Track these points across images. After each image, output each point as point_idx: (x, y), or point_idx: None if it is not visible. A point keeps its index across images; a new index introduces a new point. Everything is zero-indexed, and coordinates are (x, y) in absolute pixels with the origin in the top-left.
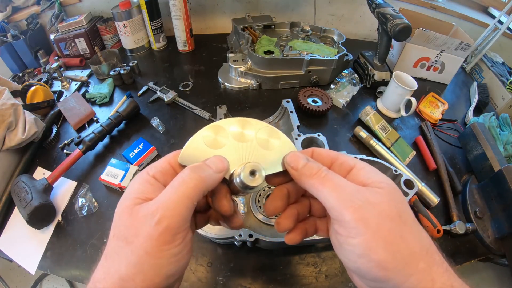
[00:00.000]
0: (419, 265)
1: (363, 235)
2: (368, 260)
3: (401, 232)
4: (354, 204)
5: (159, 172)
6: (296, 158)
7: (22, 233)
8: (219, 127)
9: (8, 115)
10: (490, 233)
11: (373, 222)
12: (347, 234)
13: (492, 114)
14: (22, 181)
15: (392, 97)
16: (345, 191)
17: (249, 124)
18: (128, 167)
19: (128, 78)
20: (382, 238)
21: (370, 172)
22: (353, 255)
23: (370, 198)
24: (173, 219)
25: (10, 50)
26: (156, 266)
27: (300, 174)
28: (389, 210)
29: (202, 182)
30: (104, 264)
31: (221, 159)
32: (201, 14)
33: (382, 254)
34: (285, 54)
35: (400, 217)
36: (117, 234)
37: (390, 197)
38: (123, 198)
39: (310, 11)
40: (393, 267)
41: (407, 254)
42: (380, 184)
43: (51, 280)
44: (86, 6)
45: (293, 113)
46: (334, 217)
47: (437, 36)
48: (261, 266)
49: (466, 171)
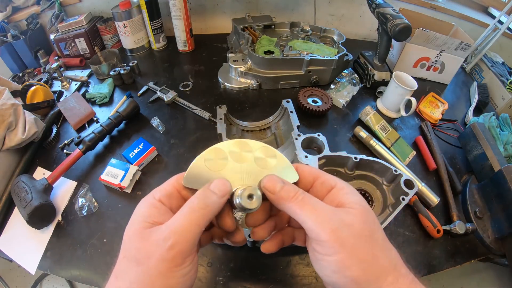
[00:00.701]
0: (387, 279)
1: (339, 254)
2: (343, 276)
3: (372, 250)
4: (330, 225)
5: (165, 196)
6: (273, 182)
7: (22, 233)
8: (219, 150)
9: (8, 115)
10: (490, 233)
11: (348, 242)
12: (324, 252)
13: (492, 114)
14: (22, 181)
15: (392, 97)
16: (321, 213)
17: (247, 145)
18: (128, 167)
19: (128, 78)
20: (355, 256)
21: (348, 194)
22: (329, 270)
23: (346, 219)
24: (185, 244)
25: (10, 50)
26: (167, 285)
27: (278, 197)
28: (362, 230)
29: (209, 210)
30: (115, 283)
31: (224, 183)
32: (201, 14)
33: (356, 271)
34: (285, 54)
35: (372, 237)
36: (127, 255)
37: (363, 218)
38: (131, 222)
39: (310, 11)
40: (364, 281)
41: (377, 270)
42: (355, 205)
43: (51, 280)
44: (86, 6)
45: (293, 113)
46: (312, 237)
47: (437, 36)
48: (261, 266)
49: (466, 171)
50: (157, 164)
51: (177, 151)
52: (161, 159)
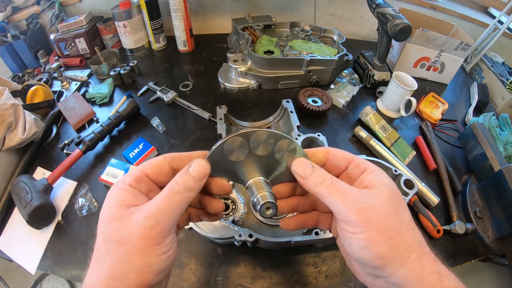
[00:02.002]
0: (411, 256)
1: (366, 232)
2: (370, 252)
3: (397, 228)
4: (357, 206)
5: (134, 180)
6: (303, 166)
7: (22, 233)
8: (240, 140)
9: (8, 115)
10: (490, 233)
11: (375, 221)
12: (353, 231)
13: (492, 114)
14: (22, 181)
15: (392, 97)
16: (349, 196)
17: (268, 136)
18: (128, 167)
19: (128, 78)
20: (382, 234)
21: (377, 176)
22: (358, 247)
23: (371, 200)
24: (165, 223)
25: (10, 50)
26: (148, 263)
27: (307, 181)
28: (388, 210)
29: (189, 193)
30: (95, 268)
31: (202, 167)
32: (201, 14)
33: (382, 247)
34: (285, 54)
35: (397, 216)
36: (105, 239)
37: (389, 199)
38: (106, 206)
39: (310, 11)
40: (389, 257)
41: (402, 247)
42: (383, 187)
43: (51, 280)
44: (86, 6)
45: (293, 113)
46: (341, 218)
47: (437, 36)
48: (261, 266)
49: (466, 171)
50: None
51: (177, 151)
52: None
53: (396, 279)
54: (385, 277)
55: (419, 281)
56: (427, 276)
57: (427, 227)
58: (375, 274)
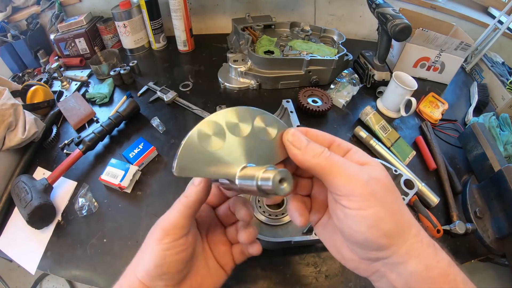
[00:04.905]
0: (412, 231)
1: (374, 207)
2: (377, 229)
3: (397, 203)
4: (362, 179)
5: None
6: (298, 137)
7: (22, 233)
8: (213, 123)
9: (8, 115)
10: (490, 233)
11: (379, 195)
12: (358, 206)
13: (492, 114)
14: (22, 181)
15: (392, 97)
16: (351, 169)
17: (242, 113)
18: (128, 167)
19: (128, 78)
20: (388, 208)
21: (364, 155)
22: (364, 226)
23: (373, 173)
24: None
25: (10, 50)
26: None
27: (304, 152)
28: (389, 184)
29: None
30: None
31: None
32: (201, 14)
33: (389, 223)
34: (285, 54)
35: (396, 191)
36: None
37: (386, 173)
38: None
39: (310, 11)
40: (395, 234)
41: (404, 222)
42: (375, 164)
43: (51, 280)
44: (86, 6)
45: (293, 113)
46: (344, 193)
47: (437, 36)
48: (261, 266)
49: (466, 171)
50: (157, 164)
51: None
52: (161, 159)
53: (397, 258)
54: (385, 258)
55: (420, 256)
56: (426, 249)
57: (427, 227)
58: (374, 257)
